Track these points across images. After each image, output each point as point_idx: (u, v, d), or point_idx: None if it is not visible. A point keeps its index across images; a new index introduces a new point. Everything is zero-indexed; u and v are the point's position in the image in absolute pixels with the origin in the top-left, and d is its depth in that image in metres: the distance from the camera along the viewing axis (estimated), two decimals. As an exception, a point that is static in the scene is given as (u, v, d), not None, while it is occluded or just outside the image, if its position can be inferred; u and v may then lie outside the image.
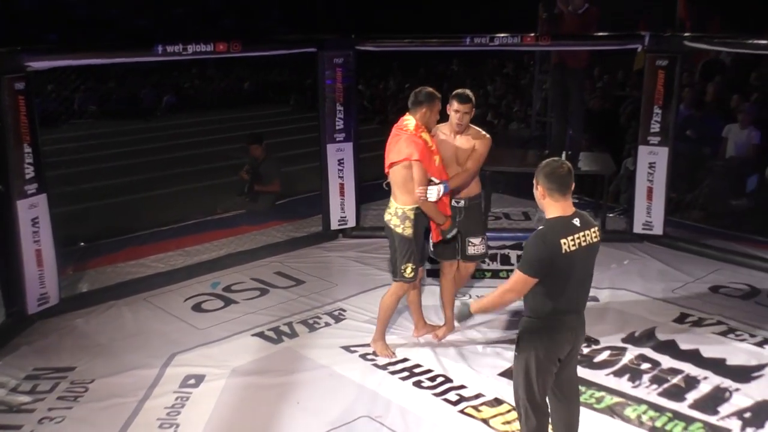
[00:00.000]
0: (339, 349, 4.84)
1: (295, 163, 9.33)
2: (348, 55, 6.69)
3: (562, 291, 3.18)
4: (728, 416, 4.04)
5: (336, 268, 6.34)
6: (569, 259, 3.12)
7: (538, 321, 3.24)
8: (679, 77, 6.63)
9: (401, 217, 4.58)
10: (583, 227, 3.18)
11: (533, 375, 3.24)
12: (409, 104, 4.61)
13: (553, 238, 3.11)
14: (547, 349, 3.23)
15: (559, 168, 3.16)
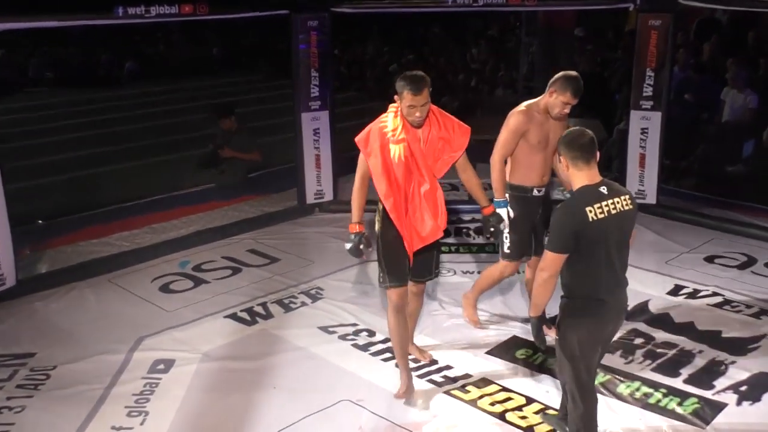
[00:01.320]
0: (317, 329, 4.82)
1: (269, 134, 9.23)
2: (323, 17, 6.59)
3: (598, 264, 3.14)
4: (724, 390, 4.08)
5: (313, 245, 6.30)
6: (598, 229, 3.09)
7: (577, 300, 3.21)
8: (673, 38, 6.61)
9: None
10: (612, 195, 3.15)
11: (578, 358, 3.23)
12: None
13: (579, 206, 3.10)
14: (589, 330, 3.22)
15: (580, 136, 3.19)
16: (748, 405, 3.95)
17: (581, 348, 3.23)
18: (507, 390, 4.10)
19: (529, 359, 4.42)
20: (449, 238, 6.37)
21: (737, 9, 7.87)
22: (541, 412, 3.89)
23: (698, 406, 3.93)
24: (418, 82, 3.75)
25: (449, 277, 5.58)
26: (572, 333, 3.23)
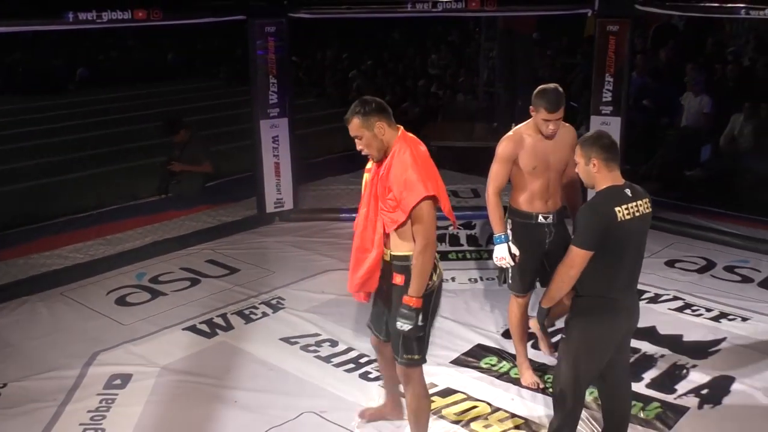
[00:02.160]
0: (278, 340, 4.80)
1: (227, 142, 9.18)
2: (280, 23, 6.58)
3: (619, 266, 3.18)
4: (685, 394, 4.16)
5: (273, 255, 6.27)
6: (624, 230, 3.13)
7: (592, 300, 3.23)
8: (630, 43, 6.74)
9: None
10: (635, 197, 3.19)
11: (581, 360, 3.25)
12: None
13: (608, 206, 3.13)
14: (600, 332, 3.24)
15: (607, 137, 3.25)
16: (709, 408, 4.03)
17: (588, 350, 3.24)
18: (472, 399, 4.12)
19: (494, 368, 4.45)
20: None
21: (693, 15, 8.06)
22: (506, 419, 3.92)
23: (660, 411, 4.00)
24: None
25: (412, 285, 5.58)
26: (582, 334, 3.25)
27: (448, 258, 6.12)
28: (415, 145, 3.33)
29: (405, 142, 3.29)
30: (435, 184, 3.26)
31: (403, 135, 3.33)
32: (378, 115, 3.26)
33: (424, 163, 3.29)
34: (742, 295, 5.37)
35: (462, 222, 6.82)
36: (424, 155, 3.34)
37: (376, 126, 3.26)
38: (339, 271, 5.84)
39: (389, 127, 3.29)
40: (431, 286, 3.30)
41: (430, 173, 3.27)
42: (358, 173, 8.56)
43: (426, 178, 3.21)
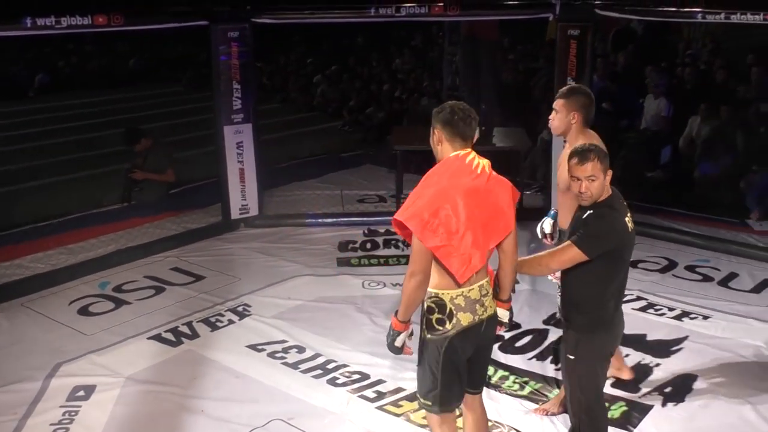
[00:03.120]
0: (245, 348, 4.76)
1: (190, 148, 9.10)
2: (243, 28, 6.54)
3: (618, 275, 3.15)
4: (650, 393, 4.21)
5: (238, 261, 6.22)
6: (629, 240, 3.12)
7: (594, 317, 3.16)
8: (591, 47, 6.82)
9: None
10: (626, 208, 3.18)
11: (599, 376, 3.20)
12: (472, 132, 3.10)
13: (619, 217, 3.11)
14: (604, 344, 3.21)
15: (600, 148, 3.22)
16: (672, 406, 4.09)
17: (600, 365, 3.20)
18: (440, 402, 4.12)
19: (461, 370, 4.46)
20: (378, 250, 6.40)
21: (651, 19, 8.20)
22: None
23: (626, 410, 4.04)
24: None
25: (379, 290, 5.59)
26: (592, 348, 3.19)
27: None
28: (456, 173, 2.94)
29: (449, 165, 2.97)
30: (444, 226, 2.86)
31: (456, 157, 2.99)
32: (439, 123, 3.03)
33: (446, 195, 2.89)
34: (704, 294, 5.46)
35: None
36: (465, 188, 2.91)
37: (434, 129, 3.06)
38: (305, 276, 5.83)
39: (447, 141, 3.02)
40: (442, 332, 2.98)
41: (443, 209, 2.87)
42: (323, 178, 8.66)
43: (430, 209, 2.86)
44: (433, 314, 2.99)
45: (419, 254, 2.89)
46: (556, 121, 3.82)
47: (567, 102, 3.77)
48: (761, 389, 4.22)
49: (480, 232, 2.93)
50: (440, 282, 2.97)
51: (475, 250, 2.92)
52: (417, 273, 2.89)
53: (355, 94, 12.04)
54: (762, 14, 5.71)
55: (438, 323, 2.98)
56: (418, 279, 2.90)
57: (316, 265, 6.06)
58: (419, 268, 2.90)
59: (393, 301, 5.37)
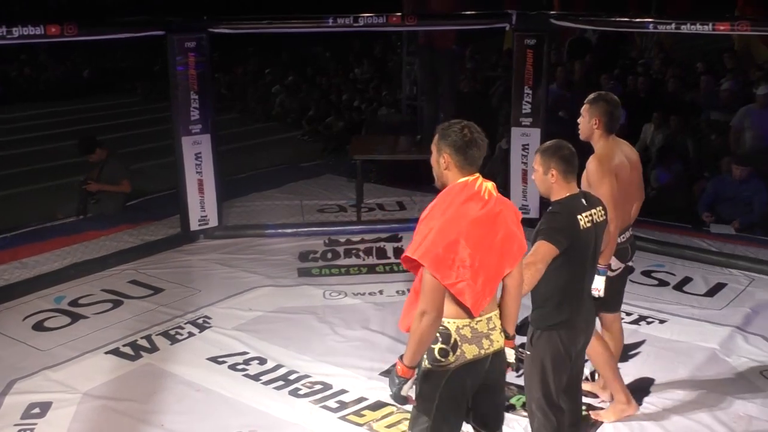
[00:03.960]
0: (206, 361, 4.71)
1: (148, 159, 9.00)
2: (200, 38, 6.49)
3: (578, 273, 3.16)
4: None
5: (198, 273, 6.16)
6: (585, 238, 3.14)
7: (552, 311, 3.19)
8: (547, 56, 6.93)
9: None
10: (590, 206, 3.21)
11: (549, 373, 3.20)
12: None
13: (571, 213, 3.13)
14: (563, 342, 3.21)
15: (567, 148, 3.22)
16: (632, 409, 4.15)
17: (554, 362, 3.20)
18: (402, 411, 4.12)
19: (423, 378, 4.47)
20: (339, 259, 6.39)
21: (604, 29, 8.35)
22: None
23: (586, 414, 4.08)
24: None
25: (340, 300, 5.58)
26: (546, 347, 3.21)
27: (375, 271, 6.14)
28: (466, 201, 2.75)
29: (458, 193, 2.77)
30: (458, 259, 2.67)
31: (465, 184, 2.79)
32: (448, 147, 2.81)
33: (456, 225, 2.69)
34: (659, 299, 5.56)
35: (389, 235, 6.86)
36: (476, 219, 2.73)
37: (442, 153, 2.84)
38: (266, 287, 5.80)
39: (456, 167, 2.81)
40: (444, 365, 2.76)
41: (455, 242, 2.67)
42: (283, 188, 8.63)
43: (443, 242, 2.66)
44: (436, 344, 2.74)
45: (433, 291, 2.65)
46: (581, 125, 3.88)
47: (590, 107, 3.82)
48: (717, 391, 4.31)
49: (494, 261, 2.77)
50: (448, 310, 2.73)
51: (488, 280, 2.76)
52: (430, 311, 2.65)
53: (314, 104, 12.04)
54: (711, 24, 5.86)
55: (441, 354, 2.75)
56: (431, 317, 2.65)
57: (276, 275, 6.03)
58: (432, 306, 2.65)
59: (354, 311, 5.37)
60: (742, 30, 6.16)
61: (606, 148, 3.80)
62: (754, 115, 7.50)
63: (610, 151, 3.80)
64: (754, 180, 6.85)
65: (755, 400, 4.22)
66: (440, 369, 2.76)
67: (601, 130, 3.80)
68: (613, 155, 3.80)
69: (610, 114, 3.79)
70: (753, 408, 4.15)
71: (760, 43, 9.82)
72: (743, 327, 5.09)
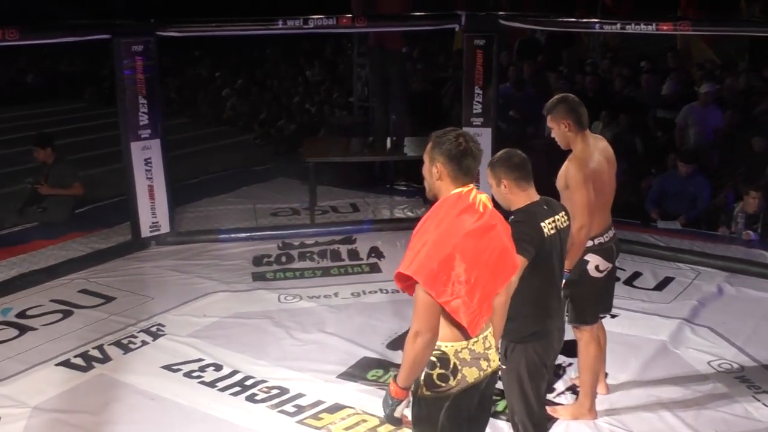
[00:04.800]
0: (160, 369, 4.65)
1: (95, 165, 8.84)
2: (148, 41, 6.41)
3: (547, 280, 3.11)
4: (563, 392, 4.35)
5: (151, 280, 6.08)
6: (550, 245, 3.09)
7: (525, 320, 3.12)
8: (497, 56, 7.01)
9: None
10: (552, 212, 3.16)
11: (527, 384, 3.15)
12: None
13: (535, 221, 3.06)
14: (537, 351, 3.15)
15: (516, 156, 3.15)
16: (586, 403, 4.22)
17: (531, 374, 3.16)
18: (360, 413, 4.13)
19: (380, 379, 4.49)
20: (293, 263, 6.37)
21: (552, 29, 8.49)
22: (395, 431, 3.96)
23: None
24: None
25: (295, 303, 5.57)
26: (521, 359, 3.16)
27: (330, 273, 6.13)
28: (460, 214, 2.61)
29: (452, 205, 2.63)
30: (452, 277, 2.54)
31: (459, 196, 2.65)
32: (442, 156, 2.66)
33: (450, 240, 2.55)
34: (611, 293, 5.66)
35: (343, 237, 6.86)
36: (470, 231, 2.59)
37: (435, 163, 2.69)
38: (220, 293, 5.75)
39: (449, 178, 2.67)
40: (444, 391, 2.62)
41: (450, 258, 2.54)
42: (235, 192, 8.57)
43: (437, 258, 2.52)
44: (434, 369, 2.61)
45: (427, 310, 2.51)
46: (556, 136, 3.82)
47: (553, 115, 3.77)
48: (667, 382, 4.41)
49: (489, 277, 2.65)
50: (444, 333, 2.59)
51: (484, 297, 2.64)
52: (424, 332, 2.50)
53: (266, 107, 11.97)
54: (654, 24, 6.00)
55: (440, 379, 2.61)
56: (425, 339, 2.51)
57: (230, 280, 5.98)
58: (426, 326, 2.51)
59: (309, 314, 5.36)
60: (684, 30, 6.33)
61: (584, 152, 3.74)
62: (697, 112, 7.70)
63: (588, 155, 3.74)
64: (698, 176, 7.03)
65: (702, 389, 4.34)
66: (440, 395, 2.63)
67: (575, 130, 3.74)
68: (591, 158, 3.74)
69: (574, 111, 3.76)
70: (699, 396, 4.26)
71: (701, 42, 10.08)
72: (691, 319, 5.22)
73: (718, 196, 7.13)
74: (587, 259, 3.82)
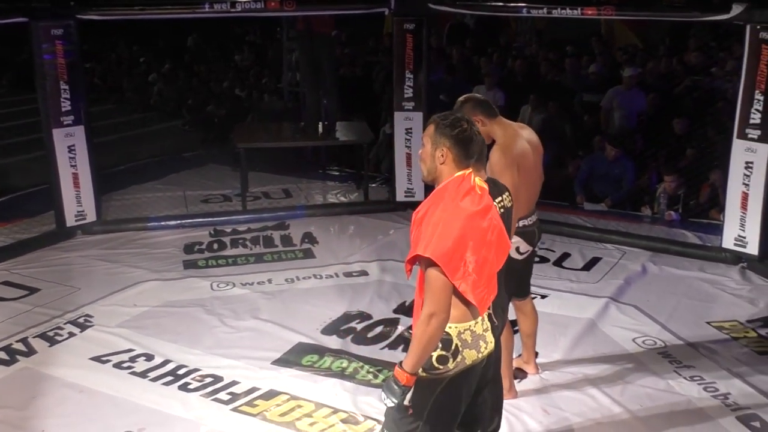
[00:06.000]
0: (89, 361, 4.55)
1: (17, 154, 8.56)
2: (68, 25, 6.22)
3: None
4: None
5: (77, 270, 5.92)
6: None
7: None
8: (426, 41, 7.05)
9: None
10: (499, 192, 3.13)
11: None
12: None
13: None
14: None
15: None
16: (516, 383, 4.29)
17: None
18: (295, 398, 4.14)
19: (315, 365, 4.49)
20: (226, 250, 6.31)
21: (480, 13, 8.57)
22: (331, 415, 3.98)
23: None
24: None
25: (228, 290, 5.51)
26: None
27: (263, 260, 6.10)
28: (465, 196, 2.65)
29: (457, 187, 2.65)
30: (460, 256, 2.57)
31: (462, 178, 2.67)
32: (449, 140, 2.67)
33: (454, 221, 2.58)
34: (540, 275, 5.75)
35: (276, 223, 6.82)
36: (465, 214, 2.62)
37: (441, 147, 2.68)
38: (151, 282, 5.66)
39: (454, 162, 2.69)
40: (441, 373, 2.60)
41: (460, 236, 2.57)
42: (165, 180, 8.42)
43: (450, 239, 2.54)
44: (435, 350, 2.58)
45: (442, 291, 2.51)
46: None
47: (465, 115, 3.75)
48: (594, 360, 4.55)
49: (493, 257, 2.70)
50: (450, 313, 2.58)
51: (490, 277, 2.70)
52: (439, 313, 2.49)
53: (193, 92, 11.74)
54: (579, 9, 6.14)
55: (439, 361, 2.59)
56: (440, 319, 2.50)
57: (161, 269, 5.88)
58: (441, 306, 2.50)
59: (243, 301, 5.33)
60: (608, 15, 6.48)
61: (506, 137, 3.76)
62: (621, 95, 7.90)
63: (511, 140, 3.76)
64: (622, 158, 7.23)
65: (628, 365, 4.49)
66: (436, 377, 2.60)
67: (488, 121, 3.73)
68: (515, 143, 3.77)
69: (480, 104, 3.73)
70: (625, 372, 4.41)
71: (625, 27, 10.33)
72: (617, 298, 5.39)
73: (641, 178, 7.35)
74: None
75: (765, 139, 5.60)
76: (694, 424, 3.91)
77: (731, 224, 5.88)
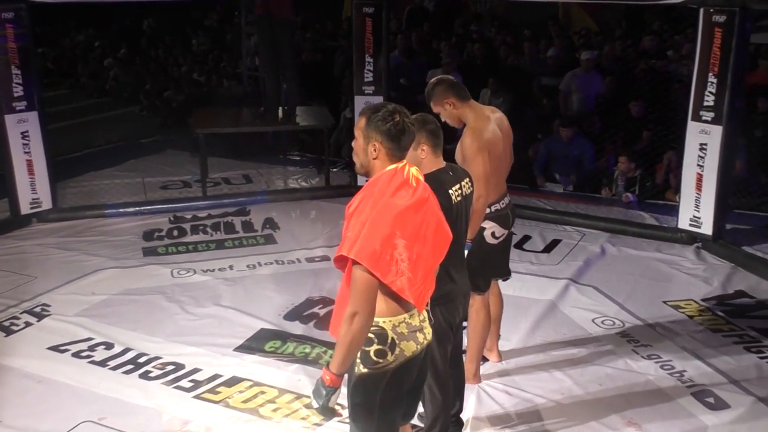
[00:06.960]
0: (46, 351, 4.46)
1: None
2: (19, 9, 6.07)
3: (453, 249, 3.01)
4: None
5: (33, 259, 5.81)
6: (457, 211, 3.09)
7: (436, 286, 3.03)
8: (386, 24, 7.01)
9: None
10: (458, 178, 3.15)
11: (434, 346, 3.09)
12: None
13: (443, 188, 3.04)
14: (443, 316, 3.16)
15: (432, 122, 3.16)
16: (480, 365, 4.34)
17: (437, 335, 3.11)
18: (258, 384, 4.11)
19: (278, 350, 4.47)
20: (186, 236, 6.23)
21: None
22: (294, 400, 3.96)
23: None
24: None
25: (189, 277, 5.45)
26: (437, 322, 3.12)
27: (224, 246, 6.04)
28: (397, 190, 2.57)
29: (389, 181, 2.57)
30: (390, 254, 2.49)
31: (395, 172, 2.59)
32: (380, 135, 2.58)
33: (386, 217, 2.51)
34: (501, 257, 5.83)
35: (236, 209, 6.75)
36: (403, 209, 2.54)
37: (372, 142, 2.60)
38: (109, 269, 5.57)
39: (386, 156, 2.60)
40: (382, 366, 2.56)
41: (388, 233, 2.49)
42: (122, 166, 8.29)
43: (379, 237, 2.47)
44: (371, 346, 2.54)
45: (367, 291, 2.45)
46: (447, 119, 3.77)
47: (435, 101, 3.74)
48: (555, 341, 4.60)
49: (430, 252, 2.63)
50: (380, 309, 2.53)
51: (427, 272, 2.63)
52: (362, 312, 2.44)
53: (151, 77, 11.54)
54: (538, -8, 6.16)
55: (377, 355, 2.55)
56: (363, 320, 2.44)
57: (120, 256, 5.79)
58: (365, 306, 2.45)
59: (204, 288, 5.27)
60: (566, -2, 6.50)
61: (477, 120, 3.74)
62: (579, 78, 7.96)
63: (483, 124, 3.74)
64: (579, 139, 7.30)
65: (588, 346, 4.55)
66: (378, 371, 2.56)
67: (460, 104, 3.72)
68: (486, 128, 3.74)
69: (452, 87, 3.73)
70: (585, 352, 4.46)
71: (581, 11, 10.40)
72: (576, 279, 5.45)
73: (600, 160, 7.43)
74: (484, 226, 3.89)
75: (718, 121, 5.69)
76: (654, 403, 3.97)
77: (686, 205, 5.98)
